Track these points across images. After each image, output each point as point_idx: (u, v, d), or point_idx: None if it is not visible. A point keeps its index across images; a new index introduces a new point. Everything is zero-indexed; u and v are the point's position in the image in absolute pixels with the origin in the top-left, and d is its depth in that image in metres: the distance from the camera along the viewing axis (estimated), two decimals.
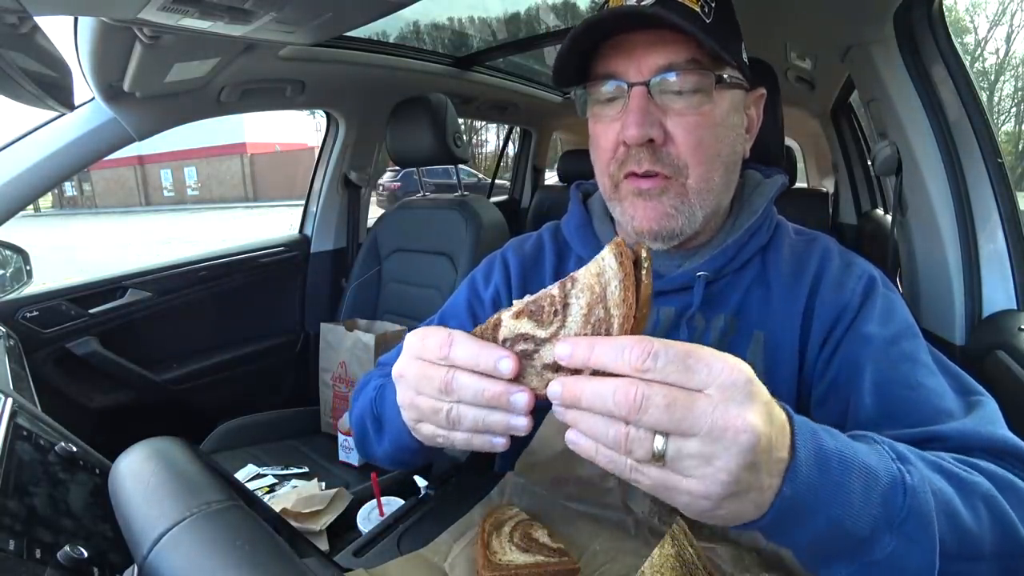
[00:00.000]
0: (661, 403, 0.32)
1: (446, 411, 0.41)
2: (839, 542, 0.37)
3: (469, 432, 0.42)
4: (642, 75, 0.57)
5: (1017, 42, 18.25)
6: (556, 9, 2.03)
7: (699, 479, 0.33)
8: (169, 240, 11.04)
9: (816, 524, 0.36)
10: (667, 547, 0.49)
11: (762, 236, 0.65)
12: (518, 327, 0.39)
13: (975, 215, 1.04)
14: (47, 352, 1.38)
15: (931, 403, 0.51)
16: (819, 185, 3.96)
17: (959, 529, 0.40)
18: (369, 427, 0.64)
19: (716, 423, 0.32)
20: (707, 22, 0.56)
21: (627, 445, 0.33)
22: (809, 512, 0.36)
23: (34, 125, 1.27)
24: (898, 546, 0.37)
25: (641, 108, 0.56)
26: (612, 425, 0.33)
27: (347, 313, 1.79)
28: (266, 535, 0.37)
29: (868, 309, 0.58)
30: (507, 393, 0.39)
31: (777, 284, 0.62)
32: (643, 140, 0.57)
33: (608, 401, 0.33)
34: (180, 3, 0.82)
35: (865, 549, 0.37)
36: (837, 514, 0.36)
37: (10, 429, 0.59)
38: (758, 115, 0.68)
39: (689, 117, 0.57)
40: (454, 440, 0.43)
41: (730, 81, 0.59)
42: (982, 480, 0.43)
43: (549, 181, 3.55)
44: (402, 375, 0.44)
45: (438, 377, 0.40)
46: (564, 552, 0.54)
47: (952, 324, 1.06)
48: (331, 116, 1.93)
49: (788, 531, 0.37)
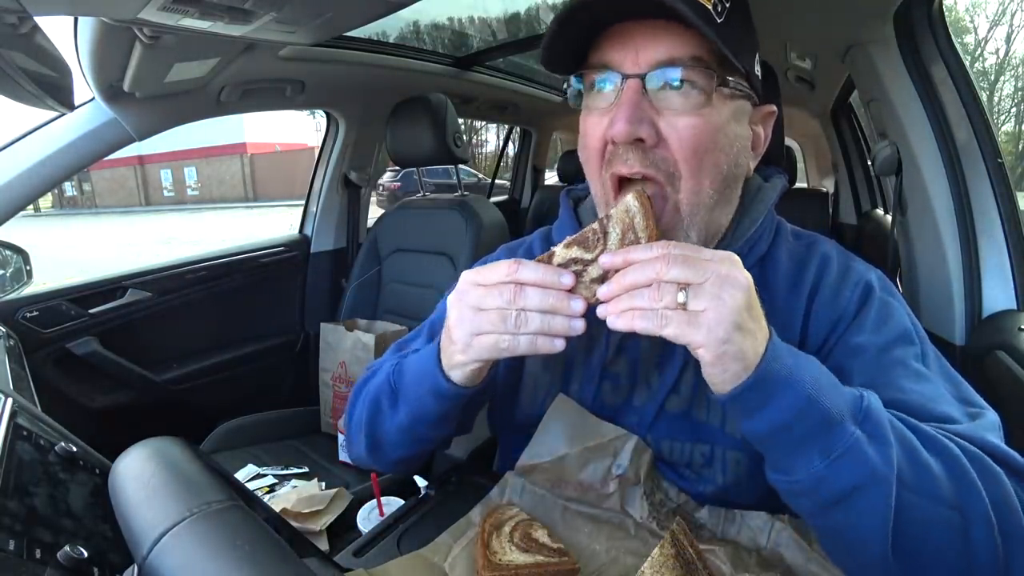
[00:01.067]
0: (680, 260, 0.43)
1: (514, 316, 0.48)
2: (810, 420, 0.43)
3: (534, 334, 0.48)
4: (638, 67, 0.53)
5: (1017, 42, 18.26)
6: (556, 9, 2.03)
7: (714, 309, 0.42)
8: (169, 240, 11.05)
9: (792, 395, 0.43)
10: (667, 547, 0.49)
11: (761, 246, 0.63)
12: (569, 254, 0.50)
13: (975, 215, 1.04)
14: (47, 352, 1.38)
15: (924, 408, 0.50)
16: (819, 185, 3.97)
17: (916, 462, 0.44)
18: (384, 403, 0.65)
19: (720, 272, 0.43)
20: (719, 22, 0.51)
21: (658, 295, 0.43)
22: (786, 383, 0.43)
23: (34, 125, 1.27)
24: (859, 440, 0.43)
25: (633, 103, 0.52)
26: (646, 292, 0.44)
27: (347, 313, 1.79)
28: (266, 535, 0.37)
29: (862, 318, 0.57)
30: (568, 298, 0.48)
31: (776, 293, 0.61)
32: (631, 138, 0.53)
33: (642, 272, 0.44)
34: (180, 3, 0.82)
35: (833, 432, 0.43)
36: (808, 388, 0.43)
37: (10, 429, 0.59)
38: (766, 134, 0.63)
39: (685, 118, 0.53)
40: (518, 344, 0.49)
41: (734, 88, 0.55)
42: (948, 441, 0.46)
43: (549, 181, 3.56)
44: (461, 297, 0.51)
45: (507, 290, 0.48)
46: (564, 552, 0.54)
47: (952, 324, 1.06)
48: (331, 116, 1.93)
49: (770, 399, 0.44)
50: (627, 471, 0.60)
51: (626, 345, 0.65)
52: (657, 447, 0.63)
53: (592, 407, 0.65)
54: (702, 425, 0.61)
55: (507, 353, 0.50)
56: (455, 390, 0.57)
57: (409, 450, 0.67)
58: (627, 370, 0.65)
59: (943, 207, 1.07)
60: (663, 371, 0.63)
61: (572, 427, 0.63)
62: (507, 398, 0.71)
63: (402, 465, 0.71)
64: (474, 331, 0.50)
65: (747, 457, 0.59)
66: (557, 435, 0.64)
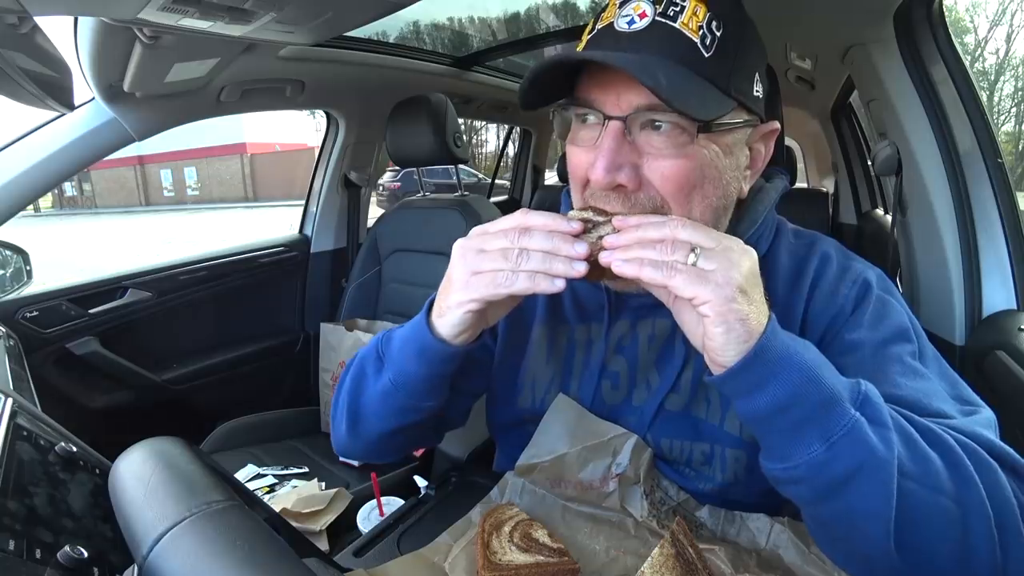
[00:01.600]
0: (689, 224, 0.46)
1: (516, 254, 0.49)
2: (809, 400, 0.43)
3: (533, 272, 0.48)
4: (619, 110, 0.51)
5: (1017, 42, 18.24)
6: (556, 9, 2.04)
7: (723, 270, 0.44)
8: (170, 240, 11.04)
9: (792, 372, 0.43)
10: (667, 547, 0.49)
11: (762, 245, 0.62)
12: (582, 214, 0.51)
13: (975, 215, 1.04)
14: (47, 352, 1.38)
15: (919, 403, 0.50)
16: (819, 185, 3.97)
17: (915, 451, 0.43)
18: (368, 369, 0.64)
19: (726, 242, 0.46)
20: (706, 56, 0.50)
21: (671, 250, 0.45)
22: (787, 359, 0.43)
23: (34, 125, 1.27)
24: (859, 421, 0.42)
25: (612, 149, 0.51)
26: (658, 246, 0.45)
27: (347, 313, 1.79)
28: (266, 535, 0.37)
29: (859, 314, 0.57)
30: (571, 240, 0.48)
31: (776, 292, 0.61)
32: (610, 186, 0.52)
33: (654, 229, 0.46)
34: (180, 3, 0.82)
35: (832, 413, 0.43)
36: (808, 368, 0.43)
37: (10, 429, 0.59)
38: (767, 151, 0.61)
39: (668, 160, 0.52)
40: (516, 280, 0.49)
41: (720, 127, 0.52)
42: (945, 435, 0.45)
43: (549, 181, 3.55)
44: (466, 243, 0.53)
45: (512, 232, 0.50)
46: (564, 552, 0.54)
47: (952, 324, 1.06)
48: (331, 116, 1.93)
49: (770, 375, 0.43)
50: (627, 470, 0.61)
51: (624, 345, 0.65)
52: (657, 446, 0.63)
53: (591, 406, 0.65)
54: (702, 423, 0.61)
55: (503, 289, 0.49)
56: (440, 347, 0.56)
57: (388, 423, 0.63)
58: (626, 369, 0.65)
59: (943, 207, 1.07)
60: (662, 370, 0.63)
61: (572, 426, 0.63)
62: (506, 394, 0.71)
63: (382, 446, 0.67)
64: (474, 269, 0.51)
65: (747, 455, 0.60)
66: (557, 434, 0.64)
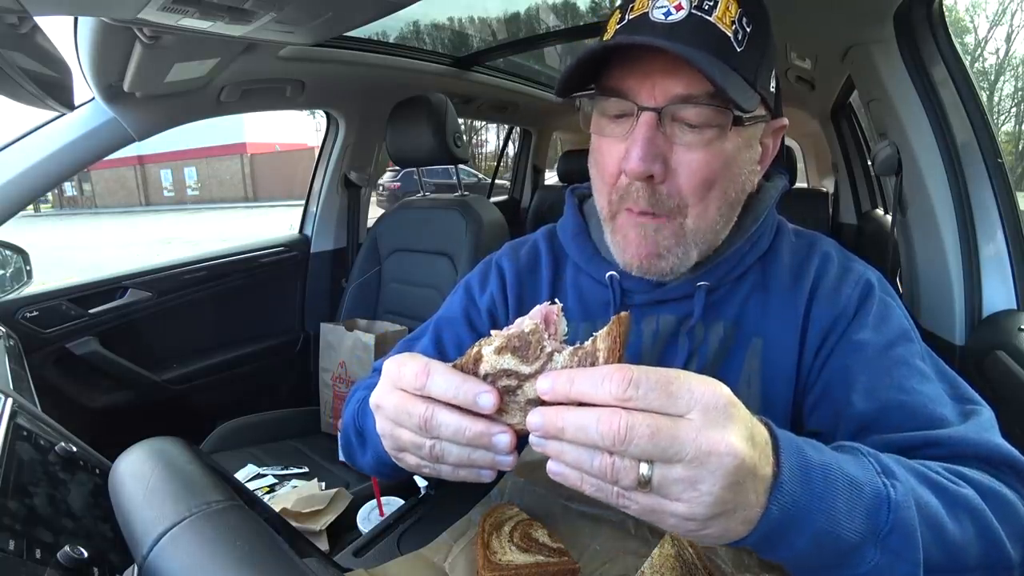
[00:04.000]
0: (645, 432, 0.32)
1: (428, 447, 0.41)
2: (825, 554, 0.38)
3: (455, 467, 0.42)
4: (655, 101, 0.52)
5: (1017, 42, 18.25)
6: (556, 9, 2.04)
7: (686, 503, 0.33)
8: (170, 240, 11.04)
9: (802, 538, 0.37)
10: (667, 547, 0.49)
11: (763, 243, 0.63)
12: (500, 363, 0.38)
13: (975, 215, 1.04)
14: (47, 352, 1.38)
15: (925, 408, 0.50)
16: (819, 185, 3.97)
17: (945, 541, 0.40)
18: (353, 440, 0.64)
19: (700, 448, 0.32)
20: (738, 51, 0.51)
21: (613, 475, 0.33)
22: (795, 527, 0.36)
23: (34, 125, 1.27)
24: (882, 559, 0.38)
25: (647, 139, 0.52)
26: (596, 455, 0.33)
27: (347, 313, 1.79)
28: (266, 535, 0.37)
29: (863, 315, 0.57)
30: (489, 433, 0.38)
31: (776, 290, 0.61)
32: (644, 176, 0.53)
33: (592, 432, 0.33)
34: (180, 3, 0.82)
35: (850, 561, 0.38)
36: (822, 528, 0.36)
37: (10, 429, 0.59)
38: (775, 146, 0.63)
39: (697, 154, 0.53)
40: (440, 472, 0.43)
41: (749, 121, 0.54)
42: (970, 492, 0.43)
43: (549, 181, 3.55)
44: (380, 405, 0.43)
45: (417, 413, 0.39)
46: (564, 552, 0.54)
47: (952, 324, 1.06)
48: (331, 116, 1.93)
49: (775, 546, 0.38)
50: None
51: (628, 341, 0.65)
52: None
53: None
54: None
55: (432, 475, 0.45)
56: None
57: (391, 478, 0.66)
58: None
59: (943, 207, 1.07)
60: (667, 366, 0.63)
61: None
62: None
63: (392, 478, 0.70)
64: (396, 447, 0.44)
65: None
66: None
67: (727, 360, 0.61)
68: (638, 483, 0.33)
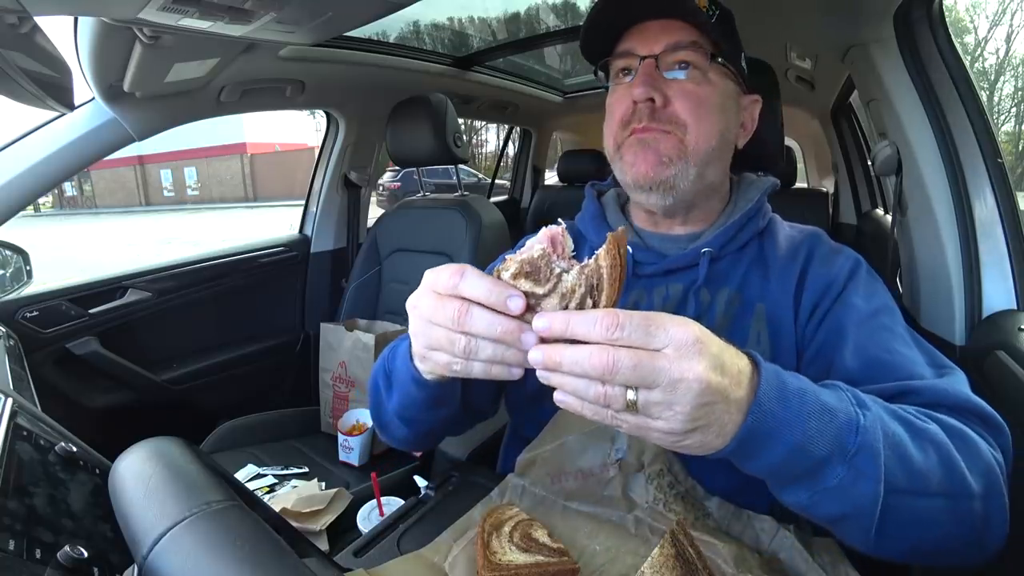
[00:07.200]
0: (628, 364, 0.38)
1: (463, 345, 0.44)
2: (796, 467, 0.43)
3: (487, 363, 0.45)
4: (652, 50, 0.67)
5: (1017, 42, 18.25)
6: (556, 9, 2.04)
7: (665, 420, 0.40)
8: (171, 240, 11.04)
9: (775, 452, 0.43)
10: (667, 547, 0.49)
11: (759, 220, 0.73)
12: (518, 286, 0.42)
13: (975, 215, 1.04)
14: (47, 352, 1.38)
15: (905, 367, 0.57)
16: (819, 185, 3.97)
17: (908, 467, 0.45)
18: (380, 384, 0.66)
19: (672, 376, 0.38)
20: (711, 21, 0.66)
21: (606, 400, 0.39)
22: (769, 440, 0.42)
23: (34, 125, 1.27)
24: (847, 475, 0.43)
25: (648, 74, 0.66)
26: (592, 385, 0.39)
27: (347, 313, 1.79)
28: (266, 535, 0.37)
29: (854, 285, 0.66)
30: (520, 330, 0.42)
31: (774, 264, 0.70)
32: (646, 97, 0.66)
33: (585, 365, 0.39)
34: (180, 3, 0.82)
35: (819, 475, 0.44)
36: (794, 441, 0.42)
37: (10, 429, 0.59)
38: (753, 119, 0.76)
39: (688, 86, 0.67)
40: (471, 368, 0.46)
41: (723, 66, 0.69)
42: (935, 428, 0.48)
43: (549, 181, 3.55)
44: (416, 305, 0.48)
45: (452, 307, 0.43)
46: (564, 552, 0.54)
47: (952, 324, 1.06)
48: (331, 116, 1.93)
49: (751, 455, 0.43)
50: (627, 455, 0.61)
51: (641, 307, 0.70)
52: None
53: None
54: None
55: (462, 374, 0.47)
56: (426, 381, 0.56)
57: (412, 431, 0.67)
58: None
59: (943, 207, 1.07)
60: None
61: (571, 415, 0.64)
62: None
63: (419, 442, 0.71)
64: (428, 345, 0.48)
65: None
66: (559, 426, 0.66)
67: (733, 323, 0.68)
68: (626, 406, 0.39)
